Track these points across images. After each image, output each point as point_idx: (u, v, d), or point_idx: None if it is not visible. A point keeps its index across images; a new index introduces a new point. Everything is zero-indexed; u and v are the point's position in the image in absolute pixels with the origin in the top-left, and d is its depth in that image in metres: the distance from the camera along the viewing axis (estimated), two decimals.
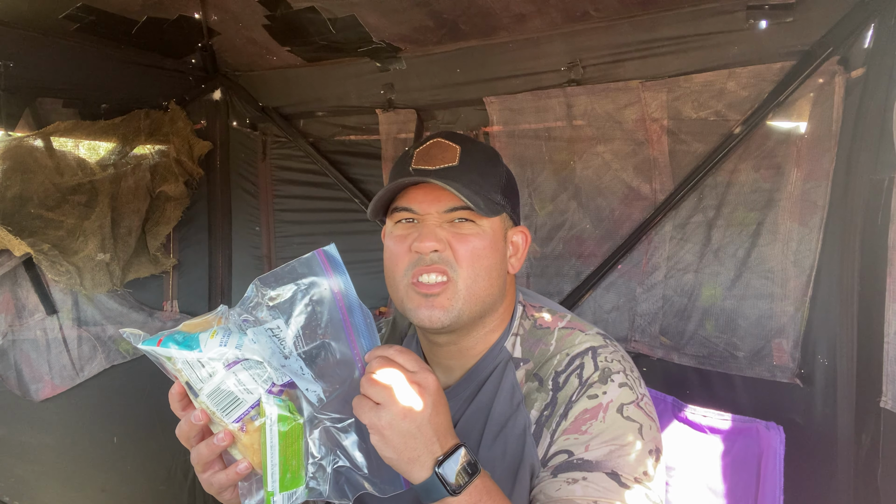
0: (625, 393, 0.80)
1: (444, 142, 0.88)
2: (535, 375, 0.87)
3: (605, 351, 0.85)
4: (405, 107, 1.94)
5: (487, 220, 0.86)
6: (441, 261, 0.83)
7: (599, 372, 0.82)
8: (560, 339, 0.88)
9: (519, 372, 0.88)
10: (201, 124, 2.19)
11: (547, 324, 0.92)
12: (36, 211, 1.75)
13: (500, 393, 0.87)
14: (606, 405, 0.79)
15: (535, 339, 0.90)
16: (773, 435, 1.00)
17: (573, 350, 0.85)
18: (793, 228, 1.44)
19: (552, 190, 1.78)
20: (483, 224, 0.86)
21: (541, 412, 0.84)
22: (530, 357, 0.89)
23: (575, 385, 0.82)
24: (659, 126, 1.58)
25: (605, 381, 0.81)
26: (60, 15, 1.57)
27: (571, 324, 0.91)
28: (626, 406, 0.79)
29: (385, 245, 0.90)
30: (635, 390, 0.82)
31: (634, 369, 0.86)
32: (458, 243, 0.84)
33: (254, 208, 2.29)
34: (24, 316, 1.86)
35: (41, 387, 1.89)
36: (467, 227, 0.85)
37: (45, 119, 1.76)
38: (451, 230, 0.85)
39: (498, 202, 0.87)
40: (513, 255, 0.91)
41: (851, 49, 1.32)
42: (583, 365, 0.83)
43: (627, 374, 0.83)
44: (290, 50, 1.88)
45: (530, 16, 1.54)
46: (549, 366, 0.86)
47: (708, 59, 1.48)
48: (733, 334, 1.54)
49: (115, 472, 2.06)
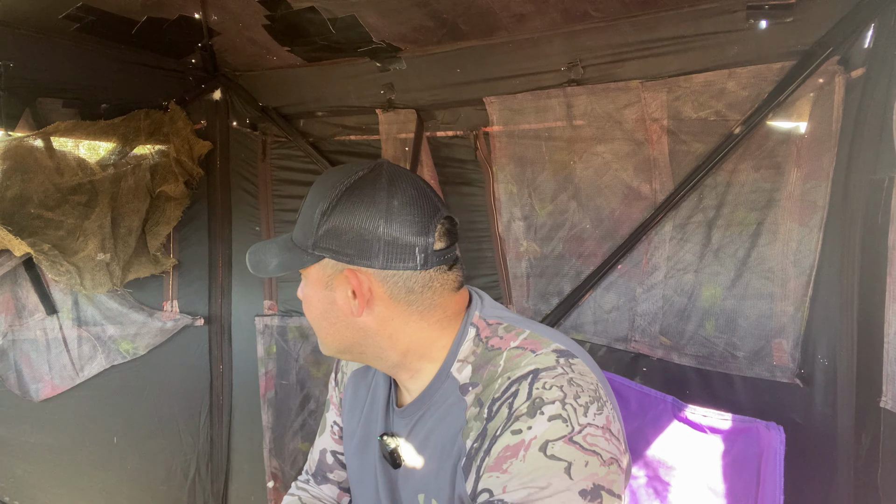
0: (554, 427, 0.70)
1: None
2: (478, 400, 0.79)
3: (548, 375, 0.74)
4: (405, 107, 1.94)
5: (307, 271, 0.85)
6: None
7: (529, 402, 0.72)
8: (508, 361, 0.79)
9: (468, 397, 0.81)
10: (201, 124, 2.19)
11: (498, 344, 0.83)
12: (36, 211, 1.75)
13: (443, 419, 0.83)
14: (528, 442, 0.70)
15: (485, 361, 0.82)
16: (774, 435, 1.00)
17: (515, 373, 0.76)
18: (793, 228, 1.44)
19: (552, 190, 1.78)
20: (306, 276, 0.86)
21: (472, 443, 0.77)
22: (479, 381, 0.81)
23: (504, 416, 0.73)
24: (659, 126, 1.58)
25: (532, 414, 0.71)
26: (60, 15, 1.57)
27: (526, 342, 0.81)
28: (552, 443, 0.69)
29: None
30: (570, 422, 0.70)
31: (584, 394, 0.73)
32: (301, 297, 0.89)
33: (254, 208, 2.29)
34: (24, 316, 1.86)
35: (41, 387, 1.89)
36: (303, 281, 0.87)
37: (45, 119, 1.76)
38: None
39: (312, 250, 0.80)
40: (355, 298, 0.80)
41: (851, 49, 1.32)
42: (516, 393, 0.74)
43: (567, 402, 0.72)
44: (290, 50, 1.88)
45: (530, 16, 1.54)
46: (490, 390, 0.78)
47: (708, 59, 1.48)
48: (733, 334, 1.54)
49: (115, 472, 2.06)
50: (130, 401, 2.08)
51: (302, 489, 1.13)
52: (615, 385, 1.26)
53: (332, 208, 0.79)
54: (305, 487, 1.13)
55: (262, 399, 2.31)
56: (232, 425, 2.37)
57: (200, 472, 2.28)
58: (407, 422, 0.88)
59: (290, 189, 2.23)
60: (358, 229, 0.78)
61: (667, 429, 1.15)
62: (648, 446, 1.16)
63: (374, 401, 0.97)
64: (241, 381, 2.34)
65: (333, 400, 1.11)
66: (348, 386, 1.04)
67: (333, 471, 1.11)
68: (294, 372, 2.30)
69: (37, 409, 1.88)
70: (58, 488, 1.94)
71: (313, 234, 0.80)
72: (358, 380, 1.03)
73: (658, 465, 1.15)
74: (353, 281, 0.80)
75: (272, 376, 2.31)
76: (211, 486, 2.31)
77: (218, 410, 2.32)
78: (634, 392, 1.22)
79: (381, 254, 0.78)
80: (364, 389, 1.00)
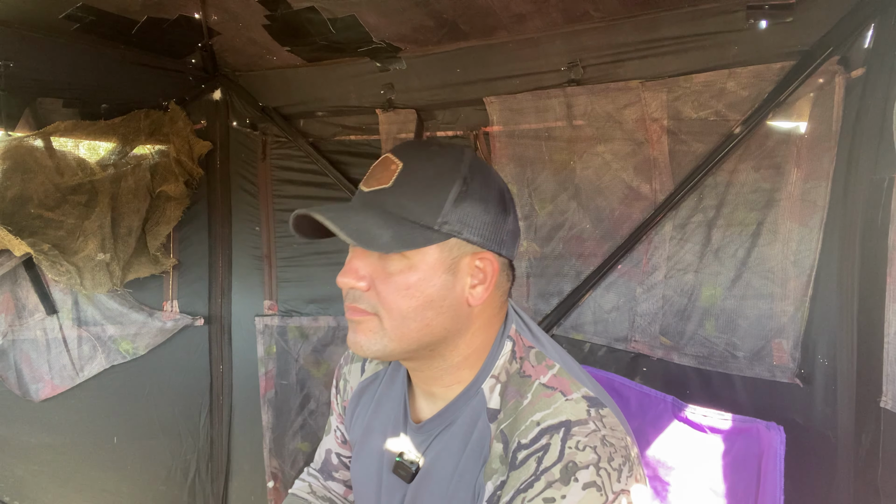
0: (589, 497, 0.65)
1: (390, 158, 0.76)
2: (502, 435, 0.74)
3: (581, 432, 0.69)
4: (405, 107, 1.94)
5: (418, 251, 0.73)
6: (359, 300, 0.75)
7: (562, 466, 0.67)
8: (536, 397, 0.74)
9: (493, 426, 0.76)
10: (201, 124, 2.19)
11: (529, 372, 0.78)
12: (36, 211, 1.75)
13: (466, 444, 0.77)
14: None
15: (514, 387, 0.77)
16: (774, 435, 1.00)
17: (545, 420, 0.70)
18: (793, 228, 1.44)
19: (552, 190, 1.78)
20: (412, 257, 0.73)
21: (495, 488, 0.72)
22: (504, 409, 0.76)
23: (531, 471, 0.68)
24: (659, 126, 1.58)
25: (566, 482, 0.66)
26: (60, 15, 1.57)
27: (556, 380, 0.75)
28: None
29: None
30: (604, 490, 0.66)
31: (617, 454, 0.69)
32: (381, 283, 0.74)
33: (254, 208, 2.29)
34: (24, 316, 1.86)
35: (41, 387, 1.89)
36: (395, 262, 0.73)
37: (45, 119, 1.76)
38: (378, 265, 0.74)
39: (438, 228, 0.72)
40: (478, 285, 0.76)
41: (851, 49, 1.32)
42: (547, 447, 0.68)
43: (601, 466, 0.67)
44: (290, 50, 1.88)
45: (530, 16, 1.54)
46: (514, 428, 0.73)
47: (708, 59, 1.48)
48: (733, 334, 1.54)
49: (115, 472, 2.06)
50: (130, 401, 2.08)
51: (314, 476, 1.13)
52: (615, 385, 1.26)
53: (468, 188, 0.74)
54: (317, 475, 1.13)
55: (262, 399, 2.31)
56: (232, 425, 2.37)
57: (200, 472, 2.28)
58: (425, 438, 0.83)
59: (290, 189, 2.23)
60: (493, 212, 0.75)
61: (667, 429, 1.15)
62: (648, 446, 1.16)
63: (383, 414, 0.92)
64: (241, 381, 2.34)
65: (335, 407, 1.09)
66: (354, 397, 1.00)
67: (339, 471, 1.11)
68: (294, 372, 2.30)
69: (37, 409, 1.88)
70: (58, 488, 1.94)
71: (441, 213, 0.73)
72: (364, 390, 0.99)
73: (658, 465, 1.15)
74: (488, 267, 0.76)
75: (272, 376, 2.31)
76: (211, 486, 2.31)
77: (218, 410, 2.32)
78: (634, 392, 1.22)
79: (508, 240, 0.78)
80: (369, 400, 0.96)
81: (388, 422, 0.90)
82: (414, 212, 0.73)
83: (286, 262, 2.25)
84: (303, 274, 2.22)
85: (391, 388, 0.93)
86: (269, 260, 2.27)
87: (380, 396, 0.94)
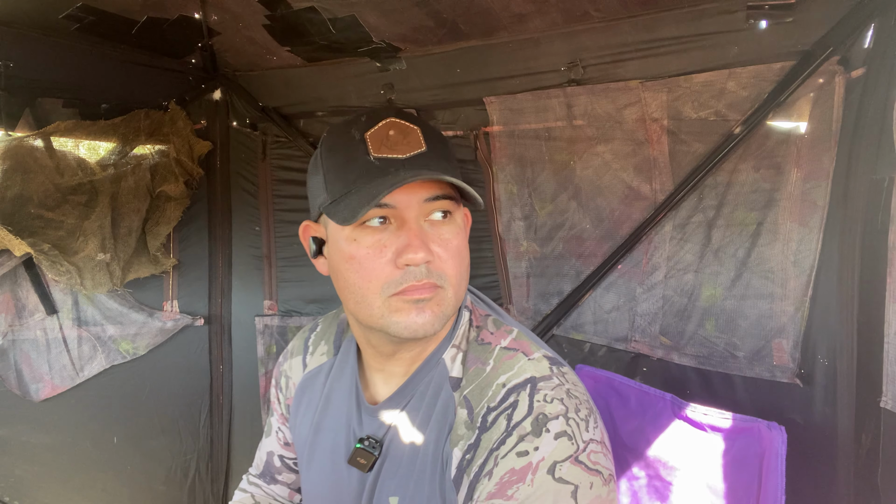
0: (561, 446, 0.66)
1: (400, 122, 0.72)
2: (466, 401, 0.74)
3: (547, 386, 0.70)
4: (405, 107, 1.94)
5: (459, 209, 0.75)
6: (430, 275, 0.70)
7: (532, 419, 0.67)
8: (498, 361, 0.74)
9: (457, 394, 0.75)
10: (201, 124, 2.19)
11: (489, 339, 0.78)
12: (36, 211, 1.75)
13: (429, 416, 0.75)
14: (536, 465, 0.65)
15: (474, 354, 0.77)
16: (776, 435, 1.00)
17: (511, 380, 0.71)
18: (793, 228, 1.44)
19: (552, 190, 1.78)
20: (457, 217, 0.74)
21: (463, 453, 0.71)
22: (465, 376, 0.76)
23: (502, 429, 0.68)
24: (659, 126, 1.58)
25: (538, 433, 0.66)
26: (60, 15, 1.57)
27: (516, 343, 0.77)
28: (559, 464, 0.65)
29: (342, 255, 0.73)
30: (575, 440, 0.67)
31: (583, 406, 0.70)
32: (443, 250, 0.72)
33: (254, 208, 2.29)
34: (24, 316, 1.86)
35: (41, 387, 1.89)
36: (447, 227, 0.73)
37: (45, 119, 1.76)
38: (432, 232, 0.72)
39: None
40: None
41: (851, 49, 1.32)
42: (516, 404, 0.69)
43: (570, 416, 0.68)
44: (290, 50, 1.88)
45: (530, 16, 1.54)
46: (482, 395, 0.73)
47: (708, 59, 1.48)
48: (733, 334, 1.54)
49: (115, 472, 2.06)
50: (130, 401, 2.08)
51: (255, 485, 1.10)
52: (615, 384, 1.26)
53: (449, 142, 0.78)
54: (258, 483, 1.10)
55: (262, 399, 2.31)
56: (232, 425, 2.37)
57: (200, 472, 2.28)
58: (385, 418, 0.81)
59: (290, 189, 2.23)
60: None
61: (667, 427, 1.15)
62: (649, 445, 1.16)
63: (334, 407, 0.89)
64: (241, 381, 2.34)
65: (276, 407, 1.05)
66: (298, 393, 0.97)
67: (282, 473, 1.09)
68: None
69: (37, 409, 1.88)
70: (58, 488, 1.94)
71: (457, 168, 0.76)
72: (309, 385, 0.95)
73: (658, 464, 1.15)
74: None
75: (272, 376, 2.31)
76: (211, 486, 2.31)
77: (218, 410, 2.32)
78: (634, 390, 1.22)
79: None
80: (316, 394, 0.92)
81: (339, 414, 0.87)
82: (449, 171, 0.72)
83: (286, 262, 2.25)
84: (303, 274, 2.22)
85: (341, 379, 0.89)
86: (269, 260, 2.27)
87: (329, 391, 0.90)
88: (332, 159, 0.73)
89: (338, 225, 0.73)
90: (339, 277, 0.75)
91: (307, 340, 1.02)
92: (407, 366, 0.81)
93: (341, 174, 0.71)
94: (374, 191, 0.67)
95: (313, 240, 0.81)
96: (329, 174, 0.72)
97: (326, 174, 0.73)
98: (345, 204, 0.69)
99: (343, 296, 0.76)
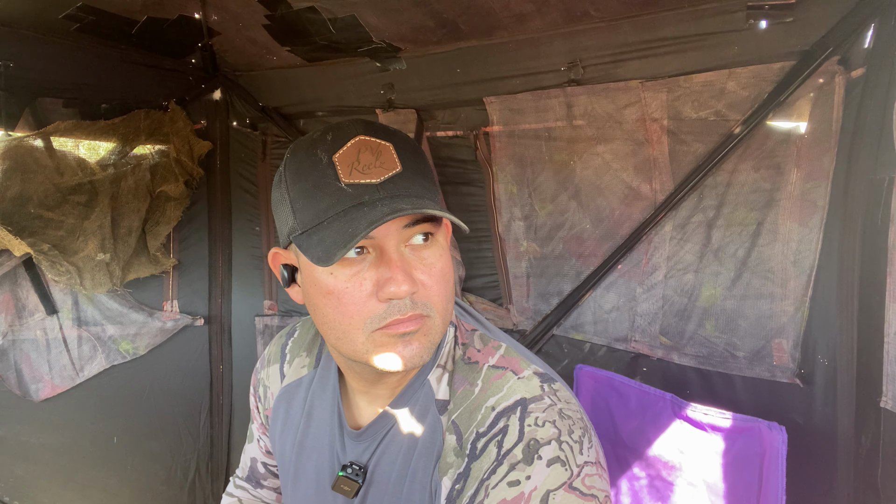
0: (554, 474, 0.62)
1: (370, 140, 0.64)
2: (454, 426, 0.69)
3: (538, 408, 0.66)
4: (405, 107, 1.94)
5: (441, 228, 0.69)
6: (415, 306, 0.65)
7: (524, 445, 0.64)
8: (486, 382, 0.70)
9: (444, 417, 0.71)
10: (201, 124, 2.19)
11: (476, 357, 0.74)
12: (36, 211, 1.75)
13: (415, 441, 0.72)
14: (529, 495, 0.61)
15: (461, 374, 0.73)
16: (776, 435, 1.00)
17: (500, 403, 0.67)
18: (793, 228, 1.44)
19: (552, 190, 1.78)
20: (439, 237, 0.69)
21: (453, 483, 0.67)
22: (453, 399, 0.71)
23: (492, 457, 0.65)
24: (659, 126, 1.58)
25: (529, 461, 0.63)
26: (60, 15, 1.57)
27: (505, 360, 0.72)
28: (553, 493, 0.61)
29: (318, 289, 0.67)
30: (569, 465, 0.63)
31: (576, 426, 0.66)
32: (427, 276, 0.66)
33: (254, 208, 2.29)
34: (24, 316, 1.86)
35: (41, 387, 1.89)
36: (430, 250, 0.67)
37: (45, 119, 1.76)
38: (413, 258, 0.66)
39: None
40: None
41: (851, 49, 1.32)
42: (506, 429, 0.65)
43: (563, 440, 0.64)
44: (290, 50, 1.88)
45: (530, 16, 1.54)
46: (471, 420, 0.69)
47: (708, 59, 1.48)
48: (733, 334, 1.54)
49: (115, 472, 2.06)
50: (130, 401, 2.08)
51: (241, 488, 1.09)
52: (615, 384, 1.27)
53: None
54: (245, 487, 1.09)
55: None
56: (232, 425, 2.37)
57: (200, 472, 2.28)
58: (368, 444, 0.77)
59: None
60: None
61: (667, 427, 1.15)
62: (649, 445, 1.17)
63: (315, 427, 0.85)
64: (241, 381, 2.34)
65: (255, 415, 1.03)
66: (277, 406, 0.92)
67: (266, 479, 1.08)
68: None
69: (37, 409, 1.88)
70: (58, 488, 1.94)
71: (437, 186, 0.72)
72: (289, 398, 0.90)
73: (659, 464, 1.15)
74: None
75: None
76: (211, 486, 2.31)
77: (218, 410, 2.32)
78: (634, 390, 1.23)
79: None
80: (296, 410, 0.88)
81: (322, 435, 0.83)
82: (430, 190, 0.67)
83: None
84: None
85: (322, 396, 0.85)
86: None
87: (310, 408, 0.86)
88: (299, 184, 0.65)
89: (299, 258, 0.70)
90: (317, 312, 0.69)
91: (284, 347, 0.97)
92: (392, 388, 0.77)
93: (310, 203, 0.64)
94: (350, 228, 0.60)
95: (284, 267, 0.75)
96: (297, 202, 0.65)
97: (294, 202, 0.65)
98: (318, 239, 0.62)
99: (322, 330, 0.71)
